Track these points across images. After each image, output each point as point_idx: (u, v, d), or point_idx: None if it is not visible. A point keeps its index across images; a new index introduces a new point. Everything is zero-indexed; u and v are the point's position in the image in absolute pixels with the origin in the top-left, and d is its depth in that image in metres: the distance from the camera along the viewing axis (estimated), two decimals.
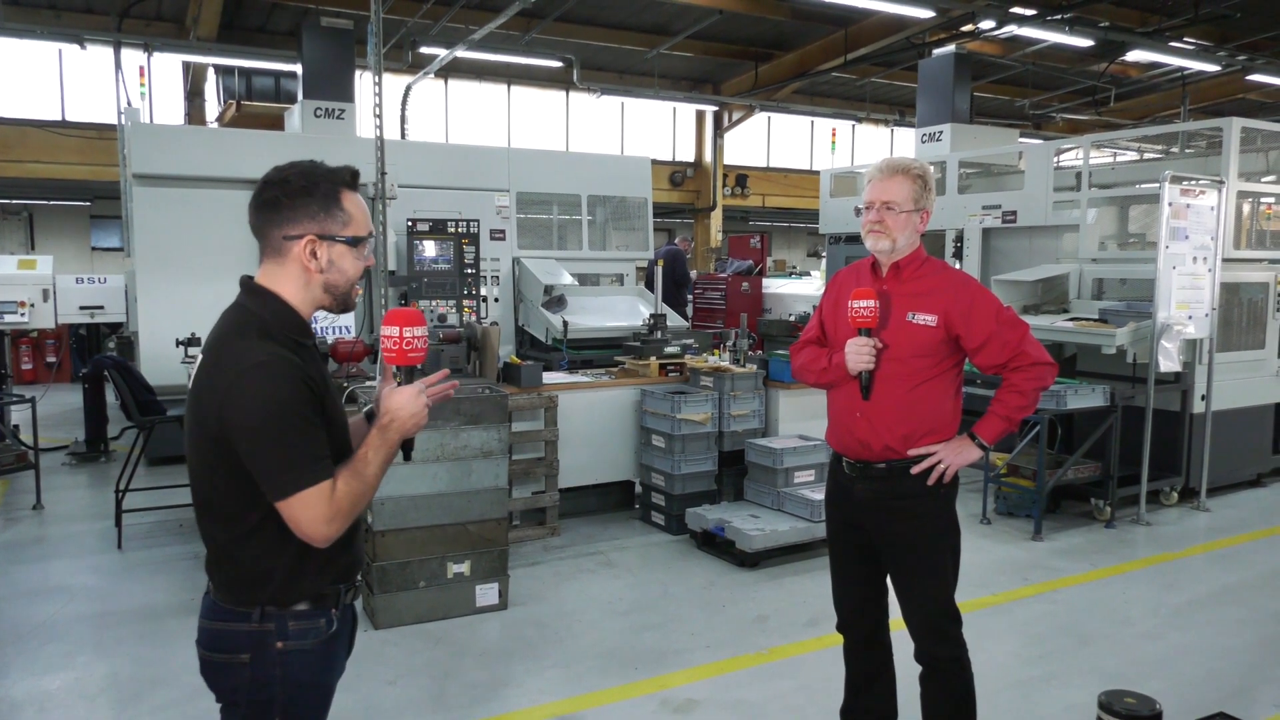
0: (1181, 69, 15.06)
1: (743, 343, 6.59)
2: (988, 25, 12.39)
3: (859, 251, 11.36)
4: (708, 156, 20.03)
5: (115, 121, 11.47)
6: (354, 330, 7.35)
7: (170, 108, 15.14)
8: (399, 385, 1.99)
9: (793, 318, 11.90)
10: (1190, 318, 6.54)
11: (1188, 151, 8.26)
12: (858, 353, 2.86)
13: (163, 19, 13.52)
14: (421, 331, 1.99)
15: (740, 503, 6.06)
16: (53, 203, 18.41)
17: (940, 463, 2.86)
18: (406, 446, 2.02)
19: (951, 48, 11.60)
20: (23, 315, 8.01)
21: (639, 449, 6.39)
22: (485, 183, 8.82)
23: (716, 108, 19.04)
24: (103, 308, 10.15)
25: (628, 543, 5.99)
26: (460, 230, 7.06)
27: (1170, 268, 6.39)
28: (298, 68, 10.37)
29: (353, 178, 2.00)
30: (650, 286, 8.46)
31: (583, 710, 3.80)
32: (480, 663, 4.23)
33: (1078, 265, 7.61)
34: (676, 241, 13.98)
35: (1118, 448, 6.39)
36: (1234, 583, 5.38)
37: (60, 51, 14.81)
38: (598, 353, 7.71)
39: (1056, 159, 8.25)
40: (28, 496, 6.84)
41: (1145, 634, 4.64)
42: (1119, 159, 12.32)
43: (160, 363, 7.05)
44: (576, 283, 8.65)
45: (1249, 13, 12.86)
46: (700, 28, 14.75)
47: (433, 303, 6.91)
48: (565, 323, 7.67)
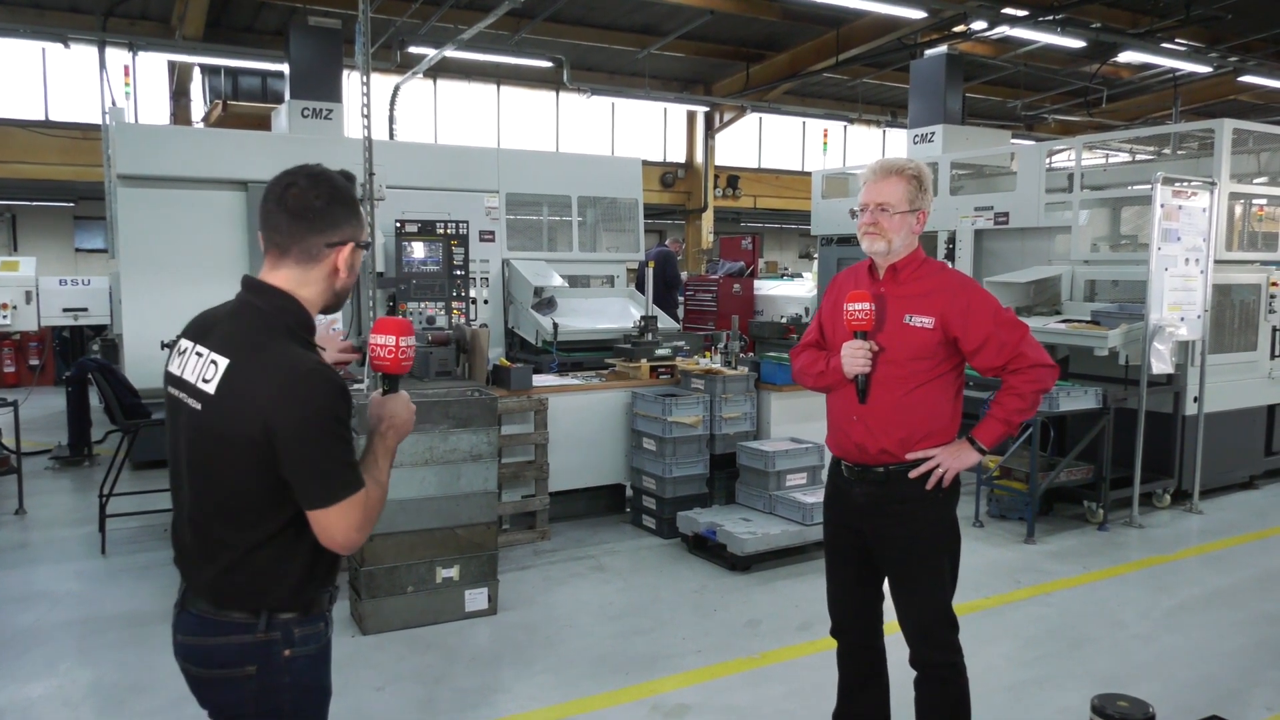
0: (1173, 70, 15.13)
1: (734, 345, 6.60)
2: (979, 26, 12.43)
3: (851, 253, 11.40)
4: (699, 157, 20.06)
5: (100, 121, 11.42)
6: (344, 332, 7.32)
7: (155, 108, 15.07)
8: (385, 392, 2.06)
9: (784, 320, 11.91)
10: (1182, 319, 6.57)
11: (1180, 153, 8.31)
12: (853, 356, 2.86)
13: (148, 18, 13.46)
14: (413, 341, 2.08)
15: (732, 506, 6.06)
16: (36, 204, 18.31)
17: (938, 466, 2.85)
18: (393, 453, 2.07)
19: (943, 48, 11.64)
20: (5, 317, 7.97)
21: (630, 452, 6.39)
22: (474, 184, 8.80)
23: (708, 108, 19.07)
24: (86, 310, 10.11)
25: (618, 546, 5.99)
26: (449, 231, 7.05)
27: (1162, 269, 6.43)
28: (285, 67, 10.33)
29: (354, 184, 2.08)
30: (641, 288, 8.46)
31: (573, 716, 3.79)
32: (470, 669, 4.21)
33: (1070, 267, 7.65)
34: (667, 243, 13.98)
35: (1110, 450, 6.42)
36: (1227, 585, 5.41)
37: (44, 50, 14.74)
38: (588, 355, 7.71)
39: (1048, 160, 8.28)
40: (10, 501, 6.79)
41: (1138, 637, 4.66)
42: (1111, 160, 12.41)
43: (145, 365, 7.00)
44: (566, 284, 8.64)
45: (1240, 14, 12.95)
46: (691, 28, 14.77)
47: (421, 305, 6.89)
48: (555, 325, 7.66)
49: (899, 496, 2.90)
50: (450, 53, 12.92)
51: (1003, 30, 12.39)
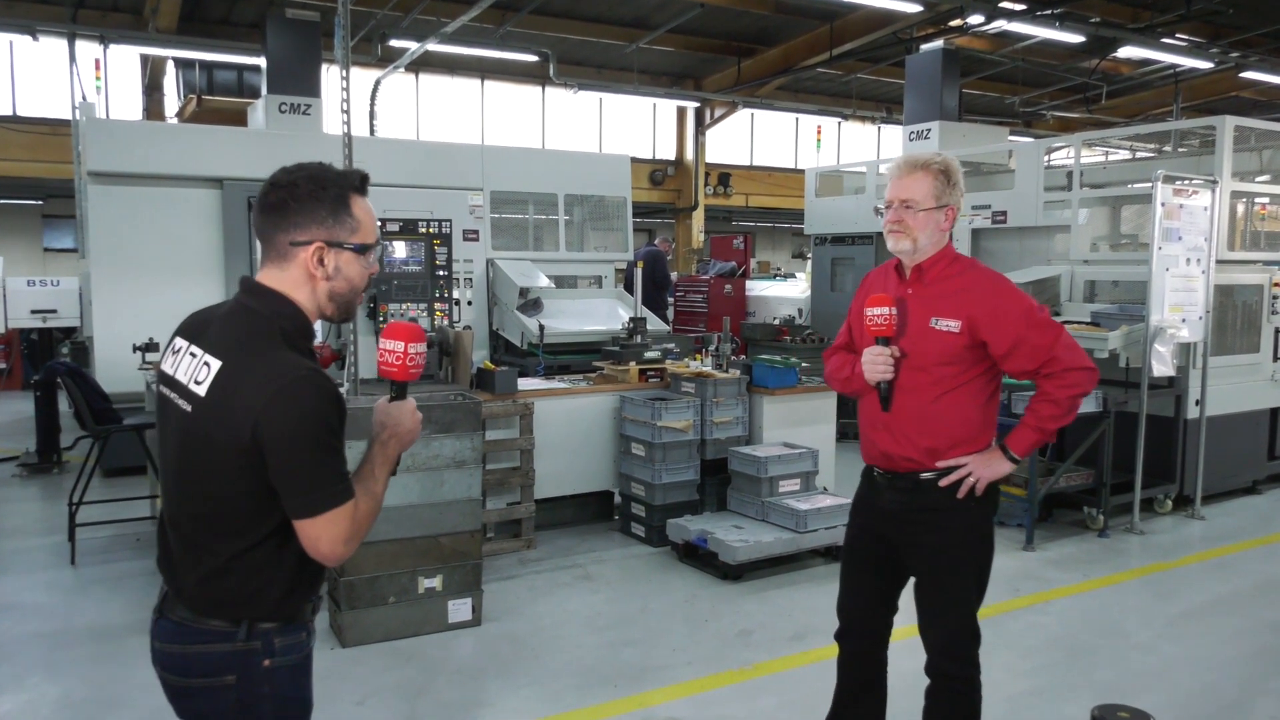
0: (1174, 66, 15.22)
1: (726, 347, 6.60)
2: (976, 20, 12.50)
3: (845, 253, 11.41)
4: (689, 154, 20.08)
5: (69, 117, 11.35)
6: (320, 335, 7.31)
7: (127, 102, 15.01)
8: (391, 399, 2.04)
9: (777, 321, 11.93)
10: (1184, 321, 6.61)
11: (1180, 150, 8.38)
12: (874, 363, 2.82)
13: (120, 9, 13.40)
14: (423, 348, 2.03)
15: (723, 513, 6.07)
16: (3, 201, 18.21)
17: (969, 475, 2.81)
18: (394, 463, 2.05)
19: (940, 43, 11.69)
20: None
21: (618, 458, 6.39)
22: (458, 181, 8.80)
23: (698, 104, 19.09)
24: (56, 311, 10.07)
25: (606, 555, 5.98)
26: (432, 230, 7.02)
27: (1163, 270, 6.46)
28: (262, 61, 10.30)
29: (362, 182, 2.02)
30: (630, 289, 8.46)
31: None
32: (453, 681, 4.20)
33: (1069, 267, 7.69)
34: (657, 242, 13.98)
35: (1111, 455, 6.45)
36: (1230, 592, 5.44)
37: (11, 43, 14.64)
38: (575, 358, 7.70)
39: (1047, 158, 8.33)
40: None
41: (1139, 646, 4.68)
42: (1111, 158, 12.47)
43: (116, 369, 6.98)
44: (553, 285, 8.64)
45: (1242, 9, 13.03)
46: (681, 21, 14.79)
47: (403, 306, 6.87)
48: (541, 326, 7.66)
49: (930, 504, 2.86)
50: (433, 46, 12.92)
51: (1000, 25, 12.45)
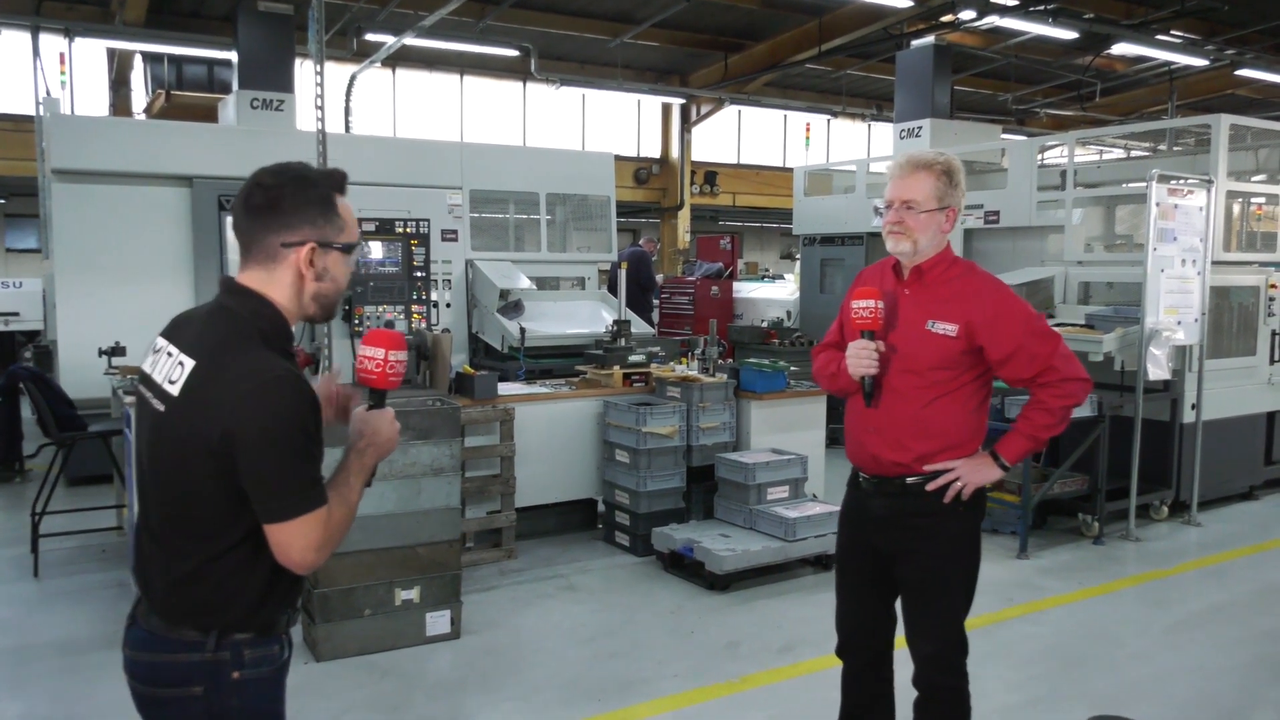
0: (1169, 63, 15.36)
1: (712, 350, 6.61)
2: (968, 16, 12.56)
3: (835, 253, 11.44)
4: (674, 152, 20.10)
5: (33, 112, 11.27)
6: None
7: (93, 98, 14.90)
8: (369, 408, 2.06)
9: (765, 324, 11.94)
10: (1179, 323, 6.65)
11: (1175, 149, 8.45)
12: (857, 356, 2.83)
13: (86, 2, 13.32)
14: (404, 355, 2.06)
15: (710, 521, 6.07)
16: None
17: (957, 479, 2.83)
18: (370, 472, 2.06)
19: (931, 39, 11.77)
20: None
21: (602, 465, 6.38)
22: (436, 179, 8.78)
23: (684, 100, 19.11)
24: (18, 314, 10.00)
25: (590, 565, 5.97)
26: (409, 230, 7.02)
27: (1158, 271, 6.51)
28: (233, 55, 10.26)
29: (342, 181, 2.04)
30: (613, 290, 8.46)
31: None
32: (431, 696, 4.19)
33: (1063, 268, 7.74)
34: (641, 243, 14.00)
35: (1106, 460, 6.49)
36: (1226, 600, 5.49)
37: None
38: (557, 362, 7.70)
39: (1040, 156, 8.39)
40: None
41: (1135, 655, 4.71)
42: (1105, 157, 12.56)
43: (81, 374, 6.92)
44: (534, 286, 8.63)
45: (1237, 5, 13.17)
46: (666, 15, 14.81)
47: (379, 308, 6.86)
48: (522, 329, 7.64)
49: (918, 510, 2.87)
50: (410, 40, 12.88)
51: (992, 20, 12.51)
